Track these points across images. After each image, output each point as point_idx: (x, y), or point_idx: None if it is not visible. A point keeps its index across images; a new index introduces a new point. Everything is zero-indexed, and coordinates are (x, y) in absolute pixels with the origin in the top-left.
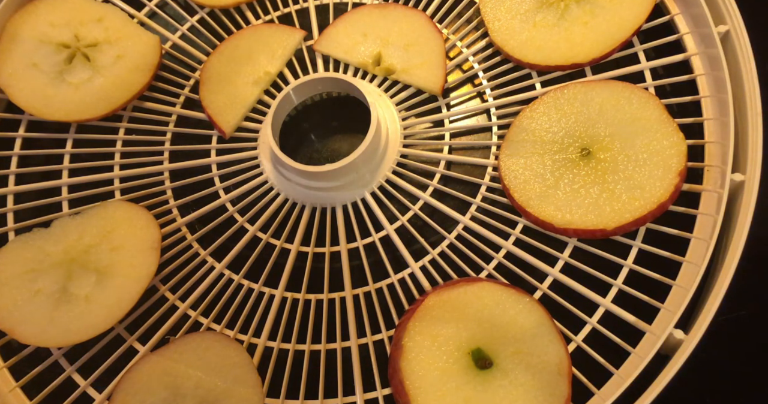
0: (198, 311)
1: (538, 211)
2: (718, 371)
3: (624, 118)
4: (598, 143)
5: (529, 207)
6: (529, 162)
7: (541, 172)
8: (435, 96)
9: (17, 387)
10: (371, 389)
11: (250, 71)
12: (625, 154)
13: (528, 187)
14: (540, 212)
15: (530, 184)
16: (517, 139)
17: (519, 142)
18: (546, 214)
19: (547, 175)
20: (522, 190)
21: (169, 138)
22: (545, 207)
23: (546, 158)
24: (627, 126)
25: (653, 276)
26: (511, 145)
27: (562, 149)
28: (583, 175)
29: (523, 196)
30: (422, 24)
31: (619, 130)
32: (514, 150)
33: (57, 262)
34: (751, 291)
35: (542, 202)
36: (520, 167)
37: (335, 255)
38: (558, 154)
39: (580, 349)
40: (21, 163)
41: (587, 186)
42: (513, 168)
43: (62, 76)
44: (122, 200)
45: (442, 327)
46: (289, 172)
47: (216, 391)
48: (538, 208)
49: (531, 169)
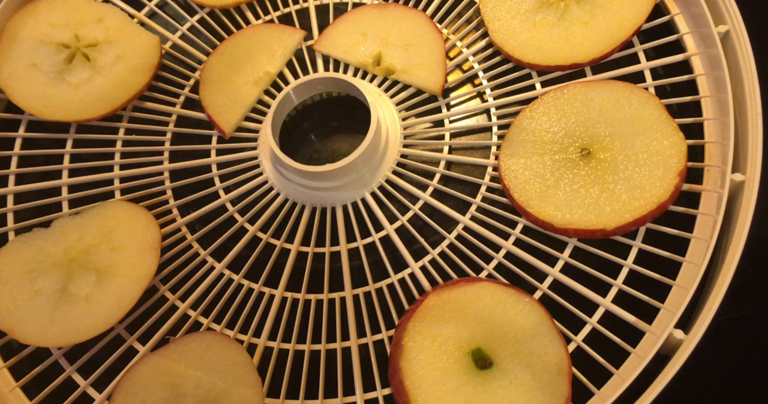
0: (198, 311)
1: (538, 211)
2: (719, 371)
3: (624, 118)
4: (599, 143)
5: (529, 207)
6: (529, 162)
7: (541, 171)
8: (435, 96)
9: (17, 387)
10: (371, 389)
11: (250, 71)
12: (625, 153)
13: (528, 187)
14: (540, 212)
15: (530, 184)
16: (517, 139)
17: (519, 142)
18: (546, 214)
19: (547, 175)
20: (522, 190)
21: (169, 138)
22: (545, 208)
23: (546, 158)
24: (627, 126)
25: (653, 276)
26: (511, 145)
27: (562, 149)
28: (583, 175)
29: (523, 196)
30: (422, 24)
31: (619, 130)
32: (514, 150)
33: (57, 262)
34: (751, 291)
35: (542, 202)
36: (520, 167)
37: (335, 255)
38: (558, 154)
39: (580, 349)
40: (21, 163)
41: (587, 186)
42: (513, 168)
43: (62, 76)
44: (122, 200)
45: (442, 327)
46: (289, 172)
47: (216, 391)
48: (538, 208)
49: (531, 169)
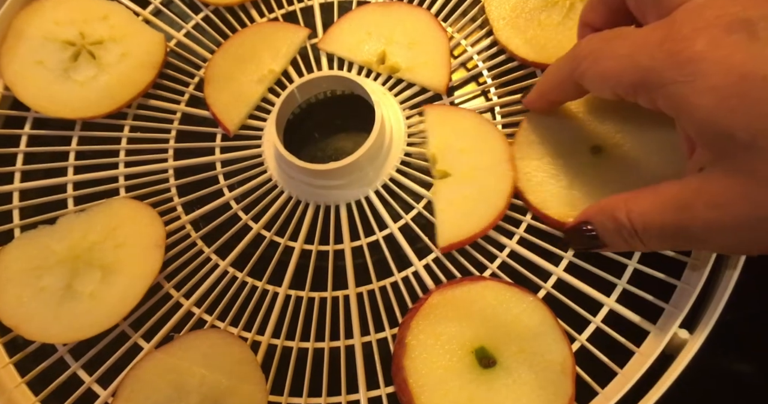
0: (202, 308)
1: (556, 213)
2: (724, 371)
3: (636, 110)
4: (610, 139)
5: (546, 209)
6: (541, 163)
7: (555, 172)
8: (439, 94)
9: (23, 383)
10: (375, 387)
11: (255, 69)
12: (638, 147)
13: (543, 189)
14: (558, 213)
15: (544, 186)
16: (526, 141)
17: (528, 144)
18: (564, 215)
19: (561, 175)
20: (537, 192)
21: (174, 135)
22: (562, 208)
23: (558, 158)
24: (637, 119)
25: (658, 275)
26: (521, 148)
27: (574, 148)
28: (598, 172)
29: (538, 199)
30: (426, 22)
31: (628, 126)
32: (525, 152)
33: (62, 259)
34: (757, 292)
35: (559, 202)
36: (532, 169)
37: (339, 253)
38: (570, 153)
39: (584, 348)
40: (26, 160)
41: (604, 183)
42: (525, 170)
43: (67, 74)
44: (127, 197)
45: (446, 325)
46: (293, 170)
47: (220, 388)
48: (556, 210)
49: (544, 171)
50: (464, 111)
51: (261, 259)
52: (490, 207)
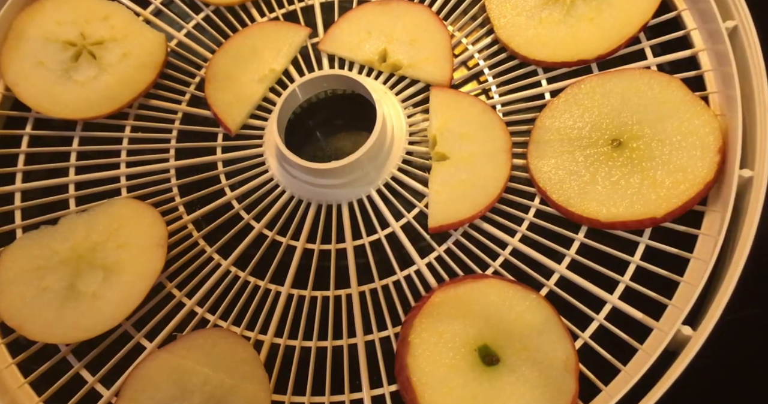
0: (205, 308)
1: (581, 209)
2: (727, 368)
3: (649, 104)
4: (628, 132)
5: (570, 206)
6: (559, 161)
7: (575, 169)
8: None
9: (26, 383)
10: (378, 385)
11: (256, 69)
12: (658, 138)
13: (565, 186)
14: (583, 210)
15: (566, 183)
16: (542, 140)
17: (545, 143)
18: (590, 211)
19: (582, 172)
20: (559, 190)
21: (175, 135)
22: (587, 204)
23: (577, 155)
24: (653, 111)
25: (661, 272)
26: (538, 147)
27: (592, 143)
28: (619, 166)
29: (561, 196)
30: (426, 18)
31: (645, 116)
32: (542, 151)
33: (64, 259)
34: (760, 289)
35: (583, 199)
36: (551, 167)
37: (341, 253)
38: (588, 149)
39: (588, 346)
40: (28, 161)
41: (626, 176)
42: (545, 169)
43: (68, 74)
44: (129, 197)
45: (449, 323)
46: (294, 170)
47: (223, 387)
48: (581, 206)
49: (564, 168)
50: (471, 97)
51: (263, 259)
52: (484, 194)
